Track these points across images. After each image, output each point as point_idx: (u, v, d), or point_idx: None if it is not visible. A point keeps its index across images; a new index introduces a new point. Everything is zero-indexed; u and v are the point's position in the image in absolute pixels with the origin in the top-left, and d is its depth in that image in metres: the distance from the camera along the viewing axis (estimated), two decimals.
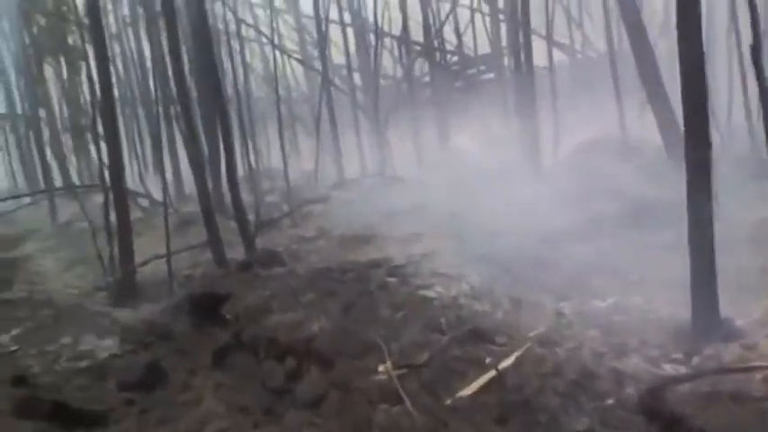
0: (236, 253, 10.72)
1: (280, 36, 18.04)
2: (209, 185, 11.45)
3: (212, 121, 14.25)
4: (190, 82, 14.45)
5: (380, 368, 5.86)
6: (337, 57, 22.47)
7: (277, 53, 17.44)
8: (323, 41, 18.06)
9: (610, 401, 4.67)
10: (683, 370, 5.04)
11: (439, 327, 6.40)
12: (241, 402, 6.44)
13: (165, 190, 11.23)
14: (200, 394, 6.64)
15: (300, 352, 6.53)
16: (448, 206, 11.85)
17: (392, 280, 8.46)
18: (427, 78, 23.27)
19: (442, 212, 11.50)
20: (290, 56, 20.27)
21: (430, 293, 7.56)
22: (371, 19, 20.95)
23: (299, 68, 24.29)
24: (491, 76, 25.28)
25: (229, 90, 16.80)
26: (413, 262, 9.10)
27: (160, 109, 15.86)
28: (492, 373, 5.31)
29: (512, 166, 15.37)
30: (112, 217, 10.35)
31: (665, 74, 12.38)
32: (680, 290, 7.16)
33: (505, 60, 23.47)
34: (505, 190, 12.69)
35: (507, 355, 5.88)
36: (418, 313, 6.73)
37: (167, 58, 13.21)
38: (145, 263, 10.12)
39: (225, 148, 11.23)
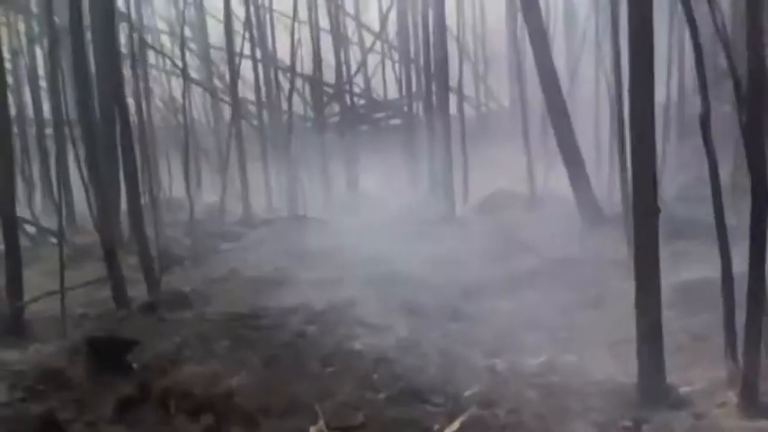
0: (136, 291, 9.92)
1: (185, 65, 17.27)
2: None
3: (113, 147, 13.37)
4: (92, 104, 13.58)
5: (312, 430, 5.40)
6: (243, 92, 21.88)
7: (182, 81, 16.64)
8: (234, 73, 17.52)
9: None
10: None
11: (371, 384, 6.03)
12: None
13: (60, 218, 10.31)
14: None
15: (219, 408, 5.94)
16: (362, 250, 11.54)
17: (312, 328, 8.05)
18: (335, 119, 23.15)
19: (357, 257, 11.17)
20: (199, 85, 19.50)
21: (357, 345, 7.21)
22: (282, 57, 20.73)
23: (202, 100, 23.59)
24: (398, 121, 25.55)
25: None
26: (334, 309, 8.71)
27: (51, 130, 14.78)
28: None
29: (423, 211, 15.35)
30: None
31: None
32: (608, 350, 7.22)
33: (414, 107, 23.83)
34: (420, 237, 12.58)
35: (445, 417, 5.60)
36: (348, 368, 6.33)
37: (63, 78, 12.38)
38: (35, 299, 9.14)
39: (126, 177, 10.48)
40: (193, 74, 23.51)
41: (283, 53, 19.89)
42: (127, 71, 16.09)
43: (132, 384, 6.76)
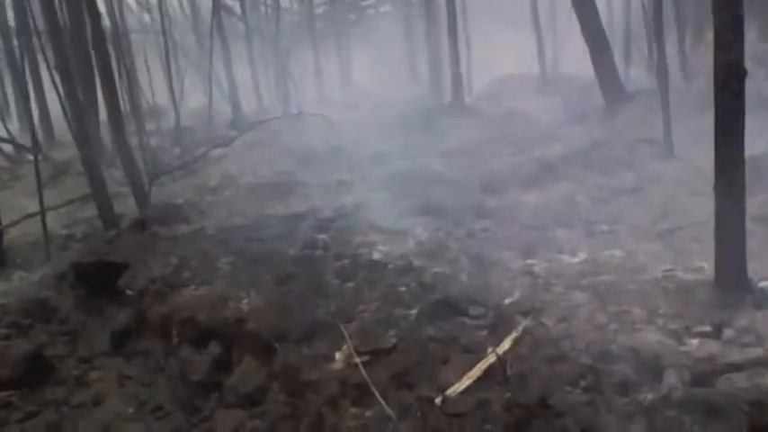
0: (124, 208, 9.08)
1: None
2: None
3: (86, 54, 12.17)
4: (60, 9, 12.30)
5: (338, 355, 4.67)
6: None
7: None
8: None
9: (649, 397, 3.71)
10: (714, 347, 4.15)
11: (399, 298, 5.26)
12: (155, 401, 5.13)
13: (33, 133, 9.33)
14: (101, 392, 5.27)
15: (228, 335, 5.21)
16: (367, 148, 10.62)
17: (323, 237, 7.25)
18: (321, 9, 21.65)
19: (362, 155, 10.27)
20: None
21: (374, 254, 6.42)
22: None
23: None
24: (388, 8, 23.97)
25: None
26: (344, 214, 7.89)
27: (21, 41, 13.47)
28: (489, 359, 4.24)
29: (427, 101, 14.30)
30: None
31: None
32: (656, 241, 6.44)
33: None
34: (427, 129, 11.62)
35: (488, 331, 4.88)
36: (371, 281, 5.55)
37: None
38: (13, 223, 8.31)
39: (104, 85, 9.41)
40: None
41: None
42: None
43: (127, 313, 6.04)
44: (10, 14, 17.34)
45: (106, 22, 14.32)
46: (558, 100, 13.08)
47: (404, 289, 5.36)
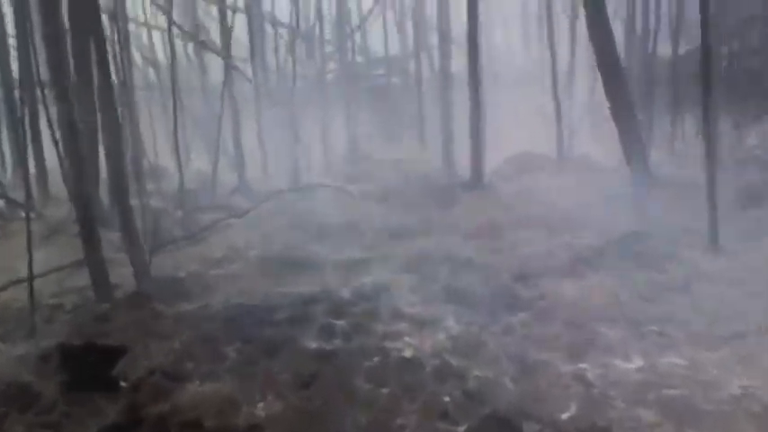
0: (120, 278, 8.31)
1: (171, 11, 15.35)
2: None
3: (91, 108, 11.61)
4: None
5: None
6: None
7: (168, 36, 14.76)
8: (225, 26, 15.63)
9: None
10: None
11: (444, 410, 4.52)
12: None
13: (27, 188, 8.68)
14: None
15: None
16: (386, 224, 9.99)
17: (341, 323, 6.53)
18: (331, 76, 21.40)
19: (381, 232, 9.62)
20: (186, 35, 17.49)
21: (405, 350, 5.69)
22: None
23: (187, 58, 21.61)
24: (395, 79, 23.85)
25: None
26: (363, 296, 7.18)
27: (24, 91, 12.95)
28: None
29: (442, 176, 13.77)
30: None
31: None
32: (719, 348, 5.75)
33: (411, 64, 22.19)
34: (446, 206, 11.03)
35: None
36: (407, 387, 4.81)
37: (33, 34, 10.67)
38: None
39: (108, 138, 8.75)
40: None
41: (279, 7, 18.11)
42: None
43: (120, 407, 5.22)
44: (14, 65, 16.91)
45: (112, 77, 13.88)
46: (581, 182, 12.54)
47: (447, 399, 4.63)
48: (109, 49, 14.07)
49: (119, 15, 14.25)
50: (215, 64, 18.66)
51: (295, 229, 9.88)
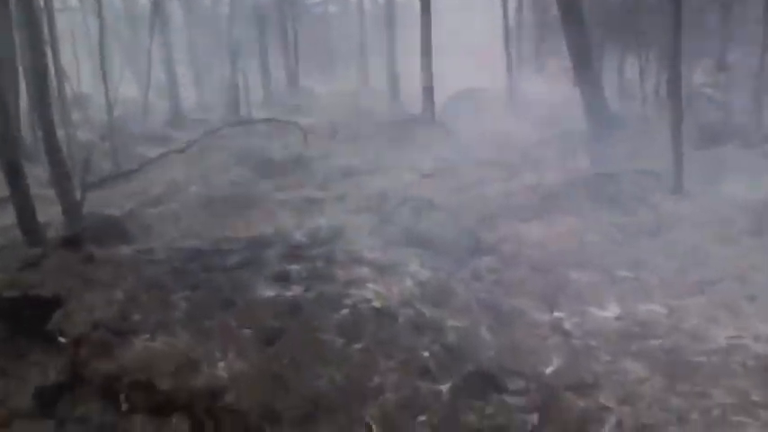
0: (50, 216, 7.61)
1: None
2: None
3: (5, 25, 10.51)
4: None
5: None
6: None
7: None
8: None
9: None
10: None
11: (424, 367, 4.17)
12: None
13: None
14: None
15: (199, 410, 3.98)
16: (335, 160, 9.46)
17: (297, 268, 6.07)
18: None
19: (330, 169, 9.10)
20: None
21: (373, 299, 5.29)
22: None
23: None
24: (333, 7, 22.91)
25: None
26: (318, 239, 6.73)
27: None
28: None
29: (389, 110, 13.23)
30: None
31: None
32: (696, 294, 5.59)
33: None
34: (398, 142, 10.55)
35: (539, 415, 3.87)
36: (384, 342, 4.43)
37: None
38: None
39: (33, 65, 7.84)
40: None
41: None
42: None
43: (60, 365, 4.68)
44: None
45: None
46: (527, 120, 12.27)
47: (426, 354, 4.27)
48: None
49: None
50: None
51: (239, 166, 9.25)
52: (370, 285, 5.65)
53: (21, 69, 9.98)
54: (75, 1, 19.09)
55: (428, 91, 11.60)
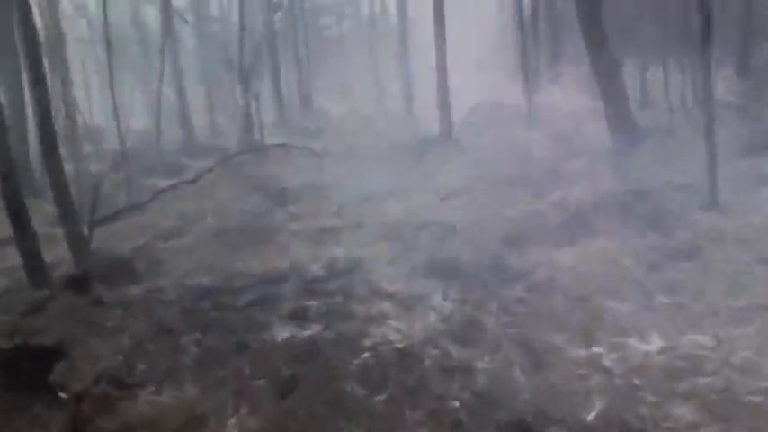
0: (58, 254, 7.33)
1: None
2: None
3: (13, 62, 10.39)
4: None
5: None
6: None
7: None
8: None
9: None
10: None
11: (455, 418, 3.79)
12: None
13: None
14: None
15: None
16: (351, 185, 9.13)
17: (314, 304, 5.74)
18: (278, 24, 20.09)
19: (347, 195, 8.77)
20: None
21: (394, 337, 4.93)
22: None
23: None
24: (347, 23, 22.73)
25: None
26: (336, 271, 6.40)
27: None
28: None
29: (405, 130, 12.89)
30: None
31: None
32: (751, 325, 5.16)
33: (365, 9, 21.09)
34: (416, 163, 10.23)
35: None
36: (410, 390, 4.05)
37: None
38: None
39: (37, 100, 7.54)
40: None
41: None
42: None
43: (61, 421, 4.36)
44: None
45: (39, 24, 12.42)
46: (547, 134, 11.88)
47: (456, 403, 3.90)
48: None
49: None
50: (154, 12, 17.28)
51: (253, 194, 8.96)
52: (392, 322, 5.32)
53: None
54: (86, 30, 19.10)
55: (444, 108, 11.27)
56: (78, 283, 6.20)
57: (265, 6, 15.39)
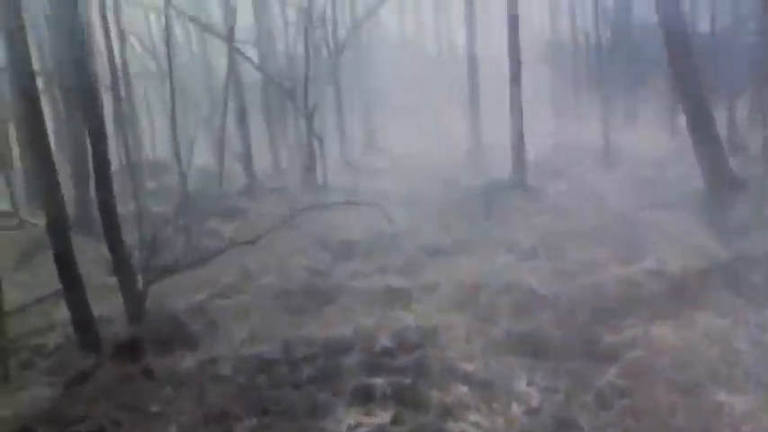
0: (112, 308, 6.92)
1: None
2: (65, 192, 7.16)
3: (72, 99, 10.19)
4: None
5: None
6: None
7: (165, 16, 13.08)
8: (228, 8, 13.93)
9: None
10: None
11: None
12: None
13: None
14: None
15: None
16: (419, 239, 8.54)
17: (381, 382, 5.15)
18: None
19: (415, 250, 8.18)
20: (191, 19, 15.64)
21: None
22: None
23: (188, 42, 19.97)
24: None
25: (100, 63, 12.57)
26: (407, 346, 5.78)
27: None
28: None
29: (476, 175, 12.20)
30: None
31: None
32: None
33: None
34: (488, 212, 9.56)
35: None
36: None
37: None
38: None
39: (93, 139, 7.08)
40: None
41: None
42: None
43: None
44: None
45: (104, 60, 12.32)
46: (628, 179, 11.07)
47: None
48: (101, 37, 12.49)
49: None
50: (219, 49, 17.19)
51: (315, 248, 8.44)
52: (471, 416, 4.67)
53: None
54: (154, 66, 19.16)
55: (518, 152, 10.60)
56: (129, 351, 5.78)
57: (330, 44, 15.05)
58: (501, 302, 6.33)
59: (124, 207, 8.27)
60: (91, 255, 8.32)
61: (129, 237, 7.35)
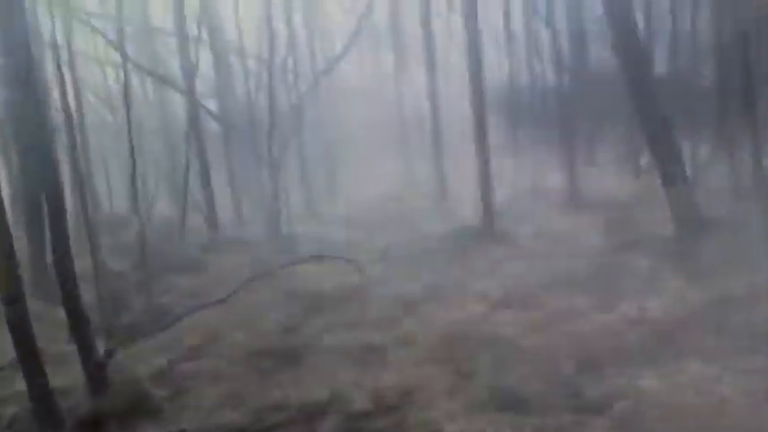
0: (71, 378, 6.52)
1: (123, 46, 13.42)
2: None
3: (33, 152, 9.78)
4: None
5: None
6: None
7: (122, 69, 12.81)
8: (187, 60, 13.78)
9: None
10: None
11: None
12: None
13: None
14: None
15: None
16: (390, 289, 8.36)
17: None
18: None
19: (387, 302, 7.98)
20: (149, 72, 15.45)
21: None
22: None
23: (144, 95, 19.69)
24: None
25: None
26: (385, 408, 5.52)
27: None
28: None
29: (443, 222, 12.12)
30: None
31: None
32: None
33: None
34: (458, 260, 9.43)
35: None
36: None
37: None
38: None
39: (48, 196, 6.78)
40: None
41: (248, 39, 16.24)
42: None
43: None
44: None
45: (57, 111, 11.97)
46: (596, 223, 11.07)
47: None
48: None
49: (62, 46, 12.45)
50: (177, 99, 17.00)
51: (285, 303, 8.17)
52: None
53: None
54: (110, 118, 18.85)
55: (486, 198, 10.53)
56: (90, 424, 5.40)
57: (293, 93, 14.98)
58: (480, 356, 6.13)
59: (81, 264, 7.89)
60: (48, 321, 7.92)
61: (88, 295, 6.99)
